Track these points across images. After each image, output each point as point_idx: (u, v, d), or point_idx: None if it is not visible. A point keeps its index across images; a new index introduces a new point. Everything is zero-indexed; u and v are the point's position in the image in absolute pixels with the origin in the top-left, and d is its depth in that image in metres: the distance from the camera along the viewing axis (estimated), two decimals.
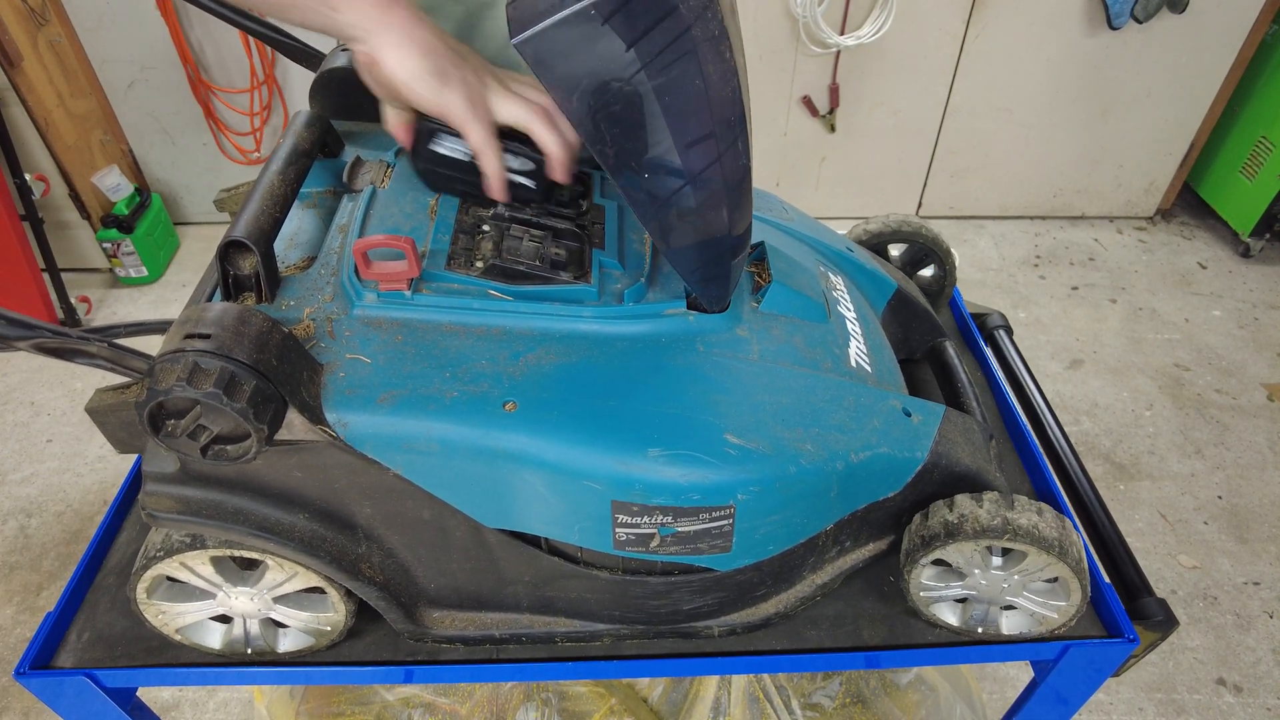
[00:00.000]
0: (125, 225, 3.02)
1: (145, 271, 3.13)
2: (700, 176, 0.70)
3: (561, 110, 0.64)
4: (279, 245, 0.84)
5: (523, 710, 1.23)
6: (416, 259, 0.75)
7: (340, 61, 0.95)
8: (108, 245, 3.04)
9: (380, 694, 1.24)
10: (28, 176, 2.76)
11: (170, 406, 0.65)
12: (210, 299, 0.81)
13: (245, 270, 0.75)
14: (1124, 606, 0.90)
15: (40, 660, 0.86)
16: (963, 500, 0.81)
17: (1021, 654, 0.92)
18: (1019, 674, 1.96)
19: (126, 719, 0.92)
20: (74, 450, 2.50)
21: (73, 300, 2.95)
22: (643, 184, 0.70)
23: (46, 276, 2.87)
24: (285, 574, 0.79)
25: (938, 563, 0.85)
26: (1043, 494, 1.02)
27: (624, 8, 0.58)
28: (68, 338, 0.64)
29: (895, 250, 1.23)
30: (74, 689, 0.86)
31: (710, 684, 1.22)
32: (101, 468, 2.45)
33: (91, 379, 2.73)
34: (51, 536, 2.26)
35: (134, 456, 1.03)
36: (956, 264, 1.20)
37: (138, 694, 0.94)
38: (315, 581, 0.80)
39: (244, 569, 0.81)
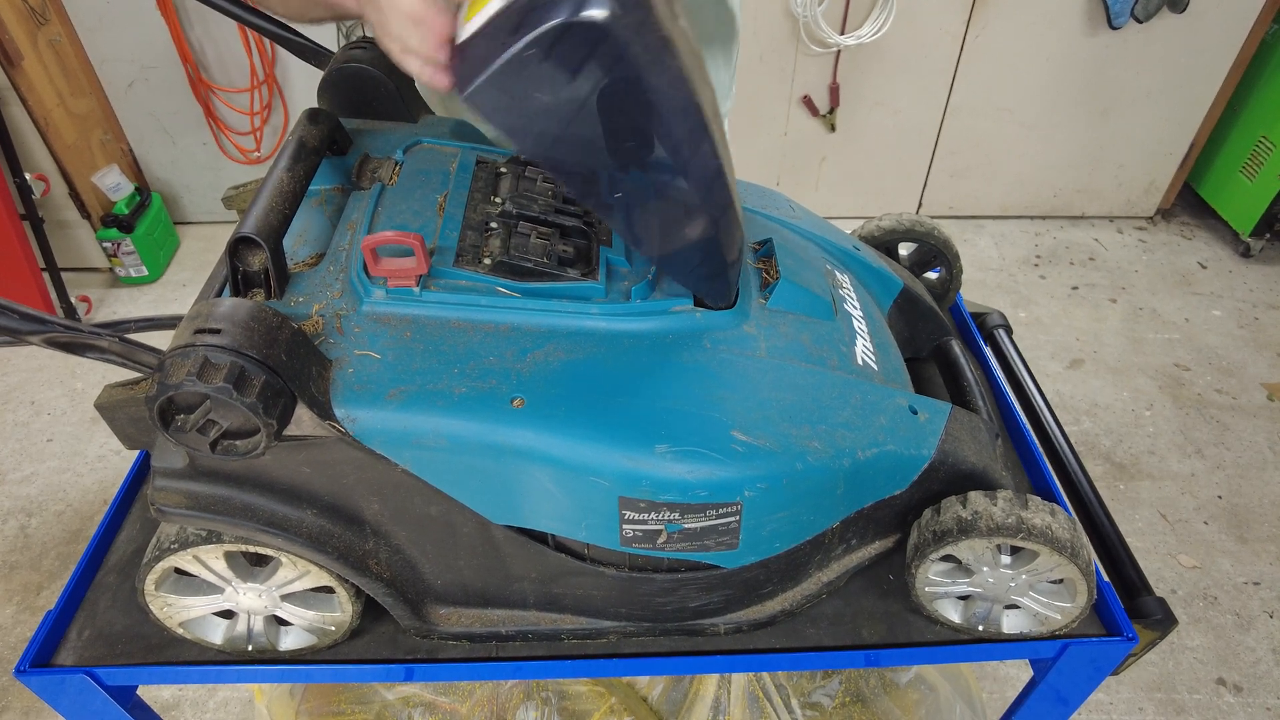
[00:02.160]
0: (125, 225, 3.02)
1: (145, 271, 3.12)
2: (669, 189, 0.70)
3: (520, 152, 0.64)
4: (288, 242, 0.84)
5: (523, 709, 1.23)
6: (425, 256, 0.75)
7: (349, 59, 0.95)
8: (108, 245, 3.03)
9: (380, 693, 1.24)
10: (28, 176, 2.76)
11: (180, 401, 0.65)
12: (219, 295, 0.81)
13: (254, 266, 0.75)
14: (1123, 605, 0.90)
15: (40, 658, 0.86)
16: (976, 497, 0.81)
17: (1020, 652, 0.92)
18: (1018, 673, 1.97)
19: (127, 717, 0.91)
20: (74, 450, 2.50)
21: (73, 299, 2.95)
22: (615, 207, 0.70)
23: (46, 276, 2.86)
24: (297, 572, 0.79)
25: (946, 559, 0.85)
26: (1042, 493, 1.02)
27: (560, 41, 0.58)
28: (79, 332, 0.64)
29: (904, 250, 1.23)
30: (74, 687, 0.86)
31: (710, 683, 1.22)
32: (101, 467, 2.45)
33: (92, 379, 2.73)
34: (52, 536, 2.26)
35: (134, 456, 1.03)
36: (962, 267, 1.21)
37: (138, 692, 0.94)
38: (325, 580, 0.80)
39: (254, 565, 0.81)
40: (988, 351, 1.23)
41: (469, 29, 0.62)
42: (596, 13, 0.56)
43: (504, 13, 0.59)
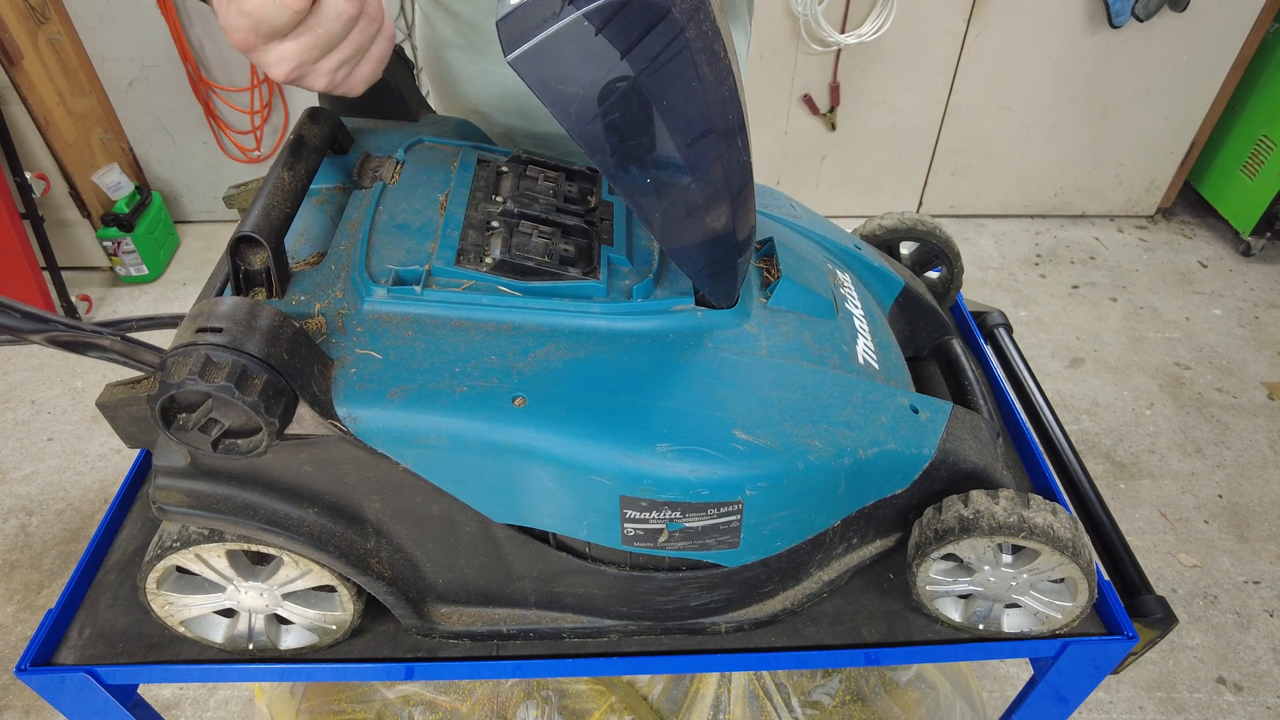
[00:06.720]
0: (125, 224, 3.02)
1: (145, 270, 3.12)
2: (701, 177, 0.70)
3: (560, 123, 0.64)
4: (289, 241, 0.83)
5: (523, 708, 1.23)
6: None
7: None
8: (108, 244, 3.03)
9: (381, 692, 1.25)
10: (28, 175, 2.76)
11: (182, 400, 0.65)
12: (220, 294, 0.81)
13: (256, 265, 0.75)
14: (1123, 604, 0.90)
15: (41, 657, 0.86)
16: (978, 496, 0.81)
17: (1020, 651, 0.92)
18: (1018, 672, 1.97)
19: (128, 716, 0.91)
20: (75, 448, 2.50)
21: (73, 299, 2.95)
22: (645, 189, 0.70)
23: (47, 275, 2.87)
24: (298, 570, 0.79)
25: (947, 557, 0.85)
26: (1043, 492, 1.02)
27: (617, 16, 0.58)
28: (81, 331, 0.64)
29: (905, 249, 1.23)
30: (75, 686, 0.86)
31: (710, 682, 1.23)
32: (102, 466, 2.45)
33: (92, 377, 2.73)
34: (52, 534, 2.26)
35: (135, 455, 1.03)
36: (963, 267, 1.21)
37: (139, 691, 0.94)
38: (327, 579, 0.80)
39: (256, 564, 0.82)
40: (988, 350, 1.24)
41: None
42: None
43: None
